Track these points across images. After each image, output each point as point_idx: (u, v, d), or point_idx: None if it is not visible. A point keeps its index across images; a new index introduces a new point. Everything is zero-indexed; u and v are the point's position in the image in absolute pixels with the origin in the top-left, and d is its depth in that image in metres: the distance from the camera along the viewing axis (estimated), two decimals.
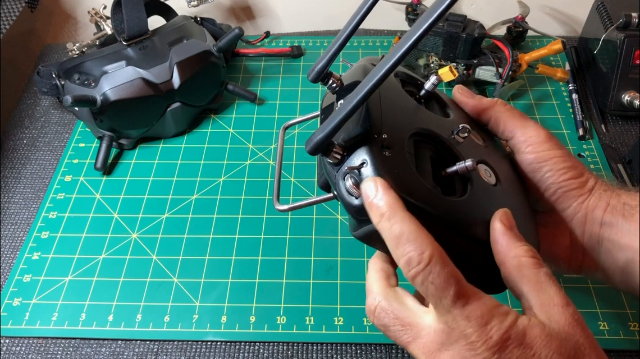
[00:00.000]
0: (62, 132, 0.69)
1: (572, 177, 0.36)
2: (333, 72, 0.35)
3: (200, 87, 0.66)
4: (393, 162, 0.31)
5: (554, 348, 0.27)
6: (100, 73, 0.61)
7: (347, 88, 0.35)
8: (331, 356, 0.49)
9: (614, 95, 0.65)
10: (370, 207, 0.29)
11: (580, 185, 0.36)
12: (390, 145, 0.31)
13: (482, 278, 0.32)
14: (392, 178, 0.30)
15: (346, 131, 0.32)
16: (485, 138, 0.39)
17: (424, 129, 0.35)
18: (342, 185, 0.32)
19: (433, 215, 0.30)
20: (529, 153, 0.37)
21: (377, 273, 0.34)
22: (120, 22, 0.64)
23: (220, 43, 0.66)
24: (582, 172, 0.37)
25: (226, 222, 0.59)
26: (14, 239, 0.59)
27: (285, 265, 0.55)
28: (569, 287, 0.52)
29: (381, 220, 0.29)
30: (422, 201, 0.30)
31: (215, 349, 0.50)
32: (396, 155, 0.31)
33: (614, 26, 0.65)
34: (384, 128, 0.32)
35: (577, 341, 0.28)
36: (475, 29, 0.67)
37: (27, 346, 0.50)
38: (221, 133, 0.68)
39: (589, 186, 0.36)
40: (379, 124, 0.32)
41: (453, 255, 0.29)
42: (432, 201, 0.30)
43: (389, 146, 0.31)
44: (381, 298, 0.33)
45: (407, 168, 0.31)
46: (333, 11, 0.84)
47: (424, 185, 0.31)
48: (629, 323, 0.50)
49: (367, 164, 0.30)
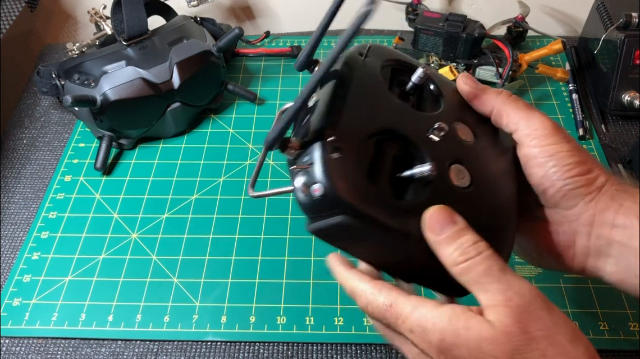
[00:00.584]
0: (62, 132, 0.69)
1: (580, 173, 0.33)
2: (319, 60, 0.35)
3: (200, 87, 0.66)
4: (340, 164, 0.30)
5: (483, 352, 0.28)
6: (100, 73, 0.61)
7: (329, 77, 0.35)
8: (331, 356, 0.49)
9: (614, 95, 0.65)
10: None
11: (588, 182, 0.33)
12: (341, 146, 0.31)
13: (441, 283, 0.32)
14: (335, 181, 0.30)
15: (306, 127, 0.33)
16: (481, 134, 0.37)
17: (388, 128, 0.33)
18: (294, 182, 0.32)
19: (375, 218, 0.30)
20: (533, 146, 0.34)
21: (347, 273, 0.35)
22: (120, 22, 0.64)
23: (220, 43, 0.66)
24: (590, 168, 0.34)
25: (226, 222, 0.59)
26: (14, 239, 0.59)
27: (285, 265, 0.55)
28: (569, 287, 0.52)
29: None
30: (365, 204, 0.30)
31: (215, 350, 0.50)
32: (346, 156, 0.31)
33: (614, 26, 0.65)
34: (340, 127, 0.32)
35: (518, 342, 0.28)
36: (475, 29, 0.67)
37: (27, 346, 0.50)
38: (221, 133, 0.68)
39: (598, 184, 0.34)
40: (334, 124, 0.32)
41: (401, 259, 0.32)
42: (376, 204, 0.30)
43: (340, 147, 0.31)
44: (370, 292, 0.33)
45: (354, 171, 0.31)
46: None
47: (369, 188, 0.31)
48: (629, 323, 0.50)
49: (314, 165, 0.31)
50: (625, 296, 0.51)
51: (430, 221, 0.31)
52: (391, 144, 0.34)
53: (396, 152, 0.34)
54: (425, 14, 0.71)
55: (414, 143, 0.33)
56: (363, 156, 0.32)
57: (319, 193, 0.30)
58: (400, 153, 0.34)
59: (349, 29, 0.29)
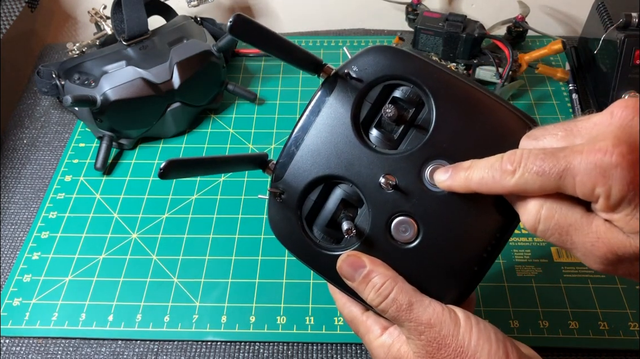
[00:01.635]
0: (62, 132, 0.69)
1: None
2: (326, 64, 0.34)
3: (200, 87, 0.66)
4: (278, 209, 0.35)
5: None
6: (100, 73, 0.61)
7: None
8: (331, 356, 0.49)
9: (614, 95, 0.65)
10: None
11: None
12: (285, 191, 0.35)
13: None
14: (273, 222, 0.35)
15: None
16: None
17: (334, 176, 0.34)
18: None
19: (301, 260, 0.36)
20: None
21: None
22: (120, 22, 0.64)
23: (220, 43, 0.66)
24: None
25: (226, 222, 0.59)
26: (14, 239, 0.59)
27: (285, 265, 0.55)
28: (569, 287, 0.52)
29: None
30: (292, 247, 0.36)
31: (215, 349, 0.50)
32: (285, 203, 0.35)
33: (614, 26, 0.65)
34: (287, 172, 0.35)
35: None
36: (475, 29, 0.67)
37: (27, 346, 0.51)
38: (221, 133, 0.68)
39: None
40: (284, 167, 0.35)
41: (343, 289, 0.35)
42: (301, 248, 0.35)
43: (282, 193, 0.35)
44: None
45: (288, 218, 0.35)
46: (333, 11, 0.84)
47: (297, 234, 0.35)
48: (629, 323, 0.50)
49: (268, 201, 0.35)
50: (625, 296, 0.51)
51: (342, 271, 0.33)
52: (345, 186, 0.34)
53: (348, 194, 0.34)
54: (425, 14, 0.71)
55: (361, 191, 0.34)
56: (306, 199, 0.35)
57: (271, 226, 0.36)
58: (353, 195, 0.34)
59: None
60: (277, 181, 0.35)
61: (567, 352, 0.49)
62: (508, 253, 0.55)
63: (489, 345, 0.30)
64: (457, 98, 0.33)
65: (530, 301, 0.51)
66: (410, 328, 0.31)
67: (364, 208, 0.34)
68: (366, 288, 0.32)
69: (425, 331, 0.31)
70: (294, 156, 0.34)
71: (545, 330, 0.49)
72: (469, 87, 0.33)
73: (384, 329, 0.34)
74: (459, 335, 0.30)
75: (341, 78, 0.34)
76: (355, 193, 0.34)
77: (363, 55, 0.34)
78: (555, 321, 0.50)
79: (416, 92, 0.33)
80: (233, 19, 0.29)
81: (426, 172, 0.32)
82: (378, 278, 0.32)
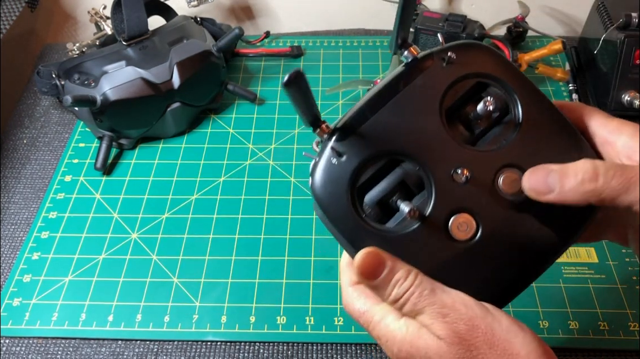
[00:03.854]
0: (62, 132, 0.69)
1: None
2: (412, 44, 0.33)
3: (200, 87, 0.66)
4: (333, 170, 0.32)
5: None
6: (100, 73, 0.61)
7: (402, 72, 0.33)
8: (331, 356, 0.49)
9: (614, 95, 0.65)
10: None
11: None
12: (345, 154, 0.32)
13: None
14: (320, 183, 0.32)
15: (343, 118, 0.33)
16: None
17: (405, 153, 0.32)
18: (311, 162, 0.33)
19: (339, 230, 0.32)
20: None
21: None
22: (120, 22, 0.64)
23: (220, 43, 0.66)
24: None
25: (226, 222, 0.59)
26: (14, 239, 0.59)
27: (285, 265, 0.55)
28: (569, 287, 0.52)
29: None
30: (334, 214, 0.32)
31: (215, 350, 0.50)
32: (343, 166, 0.32)
33: (614, 26, 0.65)
34: (354, 135, 0.32)
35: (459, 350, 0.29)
36: (475, 29, 0.67)
37: (27, 346, 0.50)
38: (221, 133, 0.68)
39: None
40: (352, 129, 0.32)
41: None
42: (344, 219, 0.32)
43: (342, 154, 0.32)
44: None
45: (342, 181, 0.32)
46: (333, 11, 0.84)
47: (344, 201, 0.32)
48: (629, 323, 0.50)
49: (317, 158, 0.32)
50: (625, 296, 0.51)
51: (361, 271, 0.31)
52: (410, 168, 0.32)
53: (410, 177, 0.32)
54: (425, 14, 0.71)
55: (429, 178, 0.32)
56: (365, 169, 0.32)
57: (309, 184, 0.32)
58: (415, 179, 0.32)
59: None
60: (338, 141, 0.32)
61: (567, 352, 0.49)
62: None
63: (522, 332, 0.29)
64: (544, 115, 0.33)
65: (530, 301, 0.51)
66: (432, 313, 0.30)
67: (422, 195, 0.32)
68: (388, 287, 0.31)
69: (450, 313, 0.29)
70: (366, 121, 0.32)
71: (545, 330, 0.49)
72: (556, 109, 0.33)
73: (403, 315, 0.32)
74: (488, 318, 0.29)
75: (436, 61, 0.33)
76: (417, 178, 0.32)
77: (462, 46, 0.33)
78: (555, 321, 0.50)
79: (505, 98, 0.33)
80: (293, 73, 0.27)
81: (500, 178, 0.32)
82: (400, 273, 0.30)
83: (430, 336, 0.30)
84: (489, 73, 0.33)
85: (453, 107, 0.33)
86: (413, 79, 0.33)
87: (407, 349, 0.31)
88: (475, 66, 0.33)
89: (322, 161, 0.32)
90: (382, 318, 0.32)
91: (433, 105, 0.32)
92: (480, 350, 0.29)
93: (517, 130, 0.32)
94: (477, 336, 0.29)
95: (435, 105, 0.32)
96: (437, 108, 0.32)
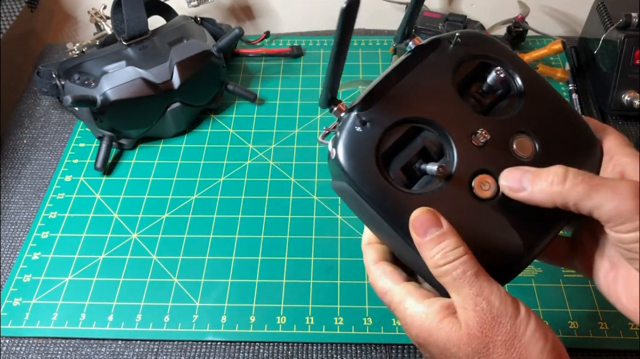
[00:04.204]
0: (62, 132, 0.69)
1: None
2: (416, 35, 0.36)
3: (200, 87, 0.66)
4: (358, 138, 0.33)
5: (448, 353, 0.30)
6: (100, 73, 0.61)
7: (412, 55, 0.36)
8: (331, 356, 0.49)
9: (614, 95, 0.65)
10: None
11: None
12: (368, 123, 0.33)
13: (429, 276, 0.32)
14: (345, 152, 0.33)
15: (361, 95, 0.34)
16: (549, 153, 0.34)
17: (426, 119, 0.34)
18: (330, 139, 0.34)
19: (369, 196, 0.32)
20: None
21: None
22: (120, 22, 0.64)
23: (220, 43, 0.66)
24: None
25: (226, 222, 0.59)
26: (14, 239, 0.59)
27: (285, 265, 0.55)
28: (569, 287, 0.52)
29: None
30: (362, 180, 0.32)
31: (215, 349, 0.50)
32: (367, 133, 0.33)
33: (614, 26, 0.65)
34: (377, 105, 0.33)
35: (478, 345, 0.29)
36: (475, 29, 0.67)
37: (27, 346, 0.51)
38: (221, 133, 0.68)
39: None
40: (374, 100, 0.33)
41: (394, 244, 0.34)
42: (374, 184, 0.32)
43: (366, 122, 0.33)
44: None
45: (367, 148, 0.33)
46: (333, 11, 0.83)
47: (372, 167, 0.32)
48: (629, 323, 0.50)
49: (339, 131, 0.33)
50: None
51: (415, 223, 0.31)
52: (430, 135, 0.34)
53: (431, 143, 0.34)
54: (425, 14, 0.71)
55: (450, 142, 0.34)
56: (388, 136, 0.33)
57: (332, 157, 0.33)
58: (435, 146, 0.34)
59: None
60: (362, 111, 0.33)
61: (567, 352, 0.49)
62: None
63: (544, 341, 0.29)
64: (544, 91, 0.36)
65: (530, 301, 0.51)
66: (467, 296, 0.30)
67: (442, 161, 0.34)
68: (435, 247, 0.31)
69: (483, 303, 0.29)
70: (387, 92, 0.34)
71: None
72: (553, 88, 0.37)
73: (424, 298, 0.32)
74: (516, 319, 0.29)
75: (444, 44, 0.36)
76: (438, 145, 0.34)
77: (466, 33, 0.36)
78: (555, 321, 0.50)
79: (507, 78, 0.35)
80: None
81: (514, 142, 0.34)
82: (451, 241, 0.31)
83: (450, 327, 0.30)
84: (491, 55, 0.36)
85: (461, 83, 0.36)
86: (425, 57, 0.35)
87: (424, 337, 0.31)
88: (479, 49, 0.36)
89: (345, 132, 0.33)
90: (401, 300, 0.33)
91: (447, 76, 0.35)
92: (497, 349, 0.29)
93: (521, 102, 0.35)
94: (499, 335, 0.29)
95: (449, 77, 0.35)
96: (451, 80, 0.35)
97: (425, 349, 0.32)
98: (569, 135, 0.35)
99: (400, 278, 0.34)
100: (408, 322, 0.32)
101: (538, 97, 0.36)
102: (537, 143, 0.34)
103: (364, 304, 0.52)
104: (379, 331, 0.50)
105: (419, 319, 0.31)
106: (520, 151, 0.34)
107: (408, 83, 0.34)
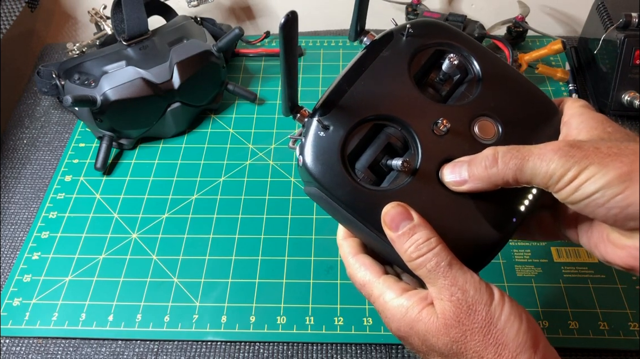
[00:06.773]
0: (62, 132, 0.69)
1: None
2: (369, 31, 0.36)
3: (200, 87, 0.66)
4: (322, 142, 0.33)
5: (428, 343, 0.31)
6: (100, 73, 0.61)
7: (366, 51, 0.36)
8: (331, 356, 0.49)
9: (614, 95, 0.65)
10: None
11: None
12: (331, 126, 0.33)
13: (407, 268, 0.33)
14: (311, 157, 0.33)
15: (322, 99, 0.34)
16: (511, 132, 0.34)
17: (387, 116, 0.34)
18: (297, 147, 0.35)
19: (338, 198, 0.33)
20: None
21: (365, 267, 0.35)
22: (120, 22, 0.64)
23: (220, 43, 0.66)
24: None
25: (226, 222, 0.59)
26: (14, 239, 0.59)
27: (285, 265, 0.55)
28: (569, 287, 0.52)
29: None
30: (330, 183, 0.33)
31: (215, 349, 0.50)
32: (331, 137, 0.33)
33: (614, 26, 0.65)
34: (336, 107, 0.34)
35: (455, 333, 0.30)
36: (475, 29, 0.67)
37: (27, 346, 0.51)
38: (221, 133, 0.68)
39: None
40: (332, 103, 0.34)
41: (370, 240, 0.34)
42: (341, 185, 0.33)
43: (328, 127, 0.33)
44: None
45: (332, 151, 0.33)
46: (333, 11, 0.84)
47: (338, 169, 0.33)
48: (629, 323, 0.50)
49: (303, 137, 0.34)
50: (625, 296, 0.51)
51: (386, 218, 0.32)
52: (393, 130, 0.34)
53: (395, 139, 0.34)
54: (425, 14, 0.71)
55: (413, 135, 0.34)
56: (352, 137, 0.34)
57: (300, 163, 0.33)
58: (399, 140, 0.34)
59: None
60: (323, 116, 0.34)
61: (567, 352, 0.49)
62: (508, 253, 0.55)
63: (519, 323, 0.30)
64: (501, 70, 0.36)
65: (530, 301, 0.51)
66: (442, 287, 0.30)
67: (407, 154, 0.34)
68: (407, 241, 0.31)
69: (458, 293, 0.30)
70: (345, 93, 0.34)
71: (546, 330, 0.49)
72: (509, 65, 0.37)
73: (402, 291, 0.33)
74: (491, 306, 0.30)
75: (397, 37, 0.36)
76: (401, 139, 0.34)
77: (417, 23, 0.37)
78: (555, 321, 0.50)
79: (462, 62, 0.36)
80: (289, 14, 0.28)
81: (475, 126, 0.34)
82: (423, 233, 0.31)
83: (429, 318, 0.31)
84: (445, 42, 0.36)
85: (418, 74, 0.36)
86: (380, 52, 0.35)
87: (406, 330, 0.32)
88: (432, 37, 0.36)
89: (309, 138, 0.33)
90: (381, 293, 0.33)
91: (402, 70, 0.35)
92: (474, 336, 0.30)
93: (479, 85, 0.35)
94: (475, 323, 0.30)
95: (405, 70, 0.35)
96: (407, 73, 0.35)
97: (407, 341, 0.33)
98: (528, 110, 0.35)
99: (379, 270, 0.34)
100: (388, 316, 0.33)
101: (495, 77, 0.36)
102: (499, 124, 0.34)
103: (364, 304, 0.52)
104: (379, 331, 0.50)
105: (399, 313, 0.32)
106: (483, 134, 0.34)
107: (365, 81, 0.35)
